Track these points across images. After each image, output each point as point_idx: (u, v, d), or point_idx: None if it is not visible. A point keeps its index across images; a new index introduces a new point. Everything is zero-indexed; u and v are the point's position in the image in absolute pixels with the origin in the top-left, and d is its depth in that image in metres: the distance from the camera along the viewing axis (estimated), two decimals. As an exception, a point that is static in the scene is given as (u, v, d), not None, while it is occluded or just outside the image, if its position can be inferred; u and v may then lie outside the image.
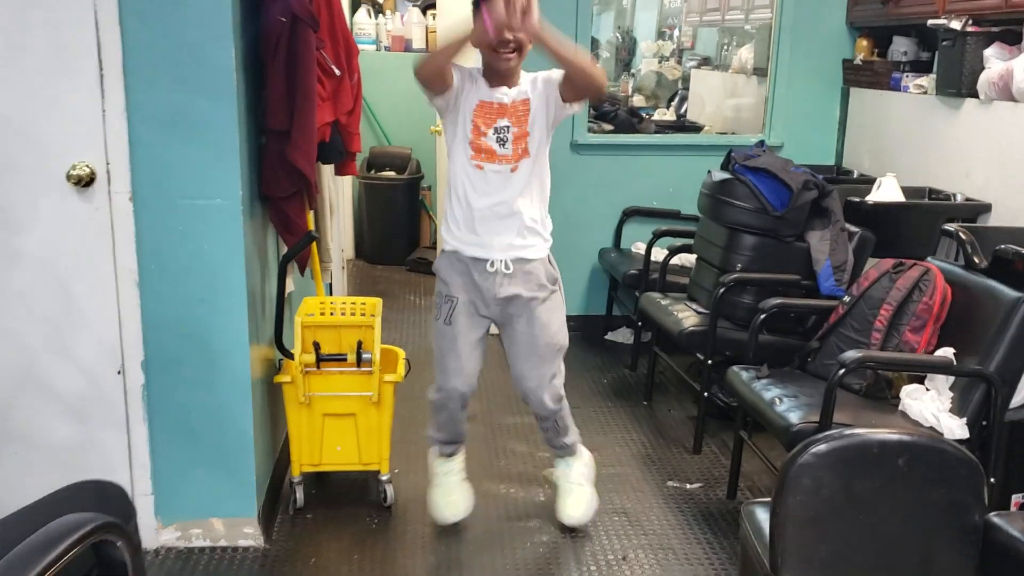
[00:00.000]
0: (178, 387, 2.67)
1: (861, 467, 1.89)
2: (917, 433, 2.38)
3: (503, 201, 2.68)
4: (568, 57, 2.55)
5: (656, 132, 5.48)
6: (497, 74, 2.65)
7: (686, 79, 6.67)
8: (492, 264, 2.70)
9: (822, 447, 1.88)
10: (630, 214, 4.86)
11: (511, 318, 2.78)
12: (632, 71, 7.18)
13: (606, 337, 4.96)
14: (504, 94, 2.67)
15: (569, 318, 4.93)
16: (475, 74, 2.68)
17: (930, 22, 3.86)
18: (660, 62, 6.96)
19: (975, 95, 3.70)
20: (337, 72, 2.88)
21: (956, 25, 3.68)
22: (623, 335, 4.94)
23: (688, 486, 3.34)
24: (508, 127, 2.67)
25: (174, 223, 2.55)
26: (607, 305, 5.00)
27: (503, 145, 2.66)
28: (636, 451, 3.61)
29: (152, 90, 2.47)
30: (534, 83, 2.70)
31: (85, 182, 2.48)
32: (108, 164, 2.49)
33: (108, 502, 1.54)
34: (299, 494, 3.04)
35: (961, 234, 2.94)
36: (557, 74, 2.66)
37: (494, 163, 2.67)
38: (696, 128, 5.76)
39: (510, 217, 2.69)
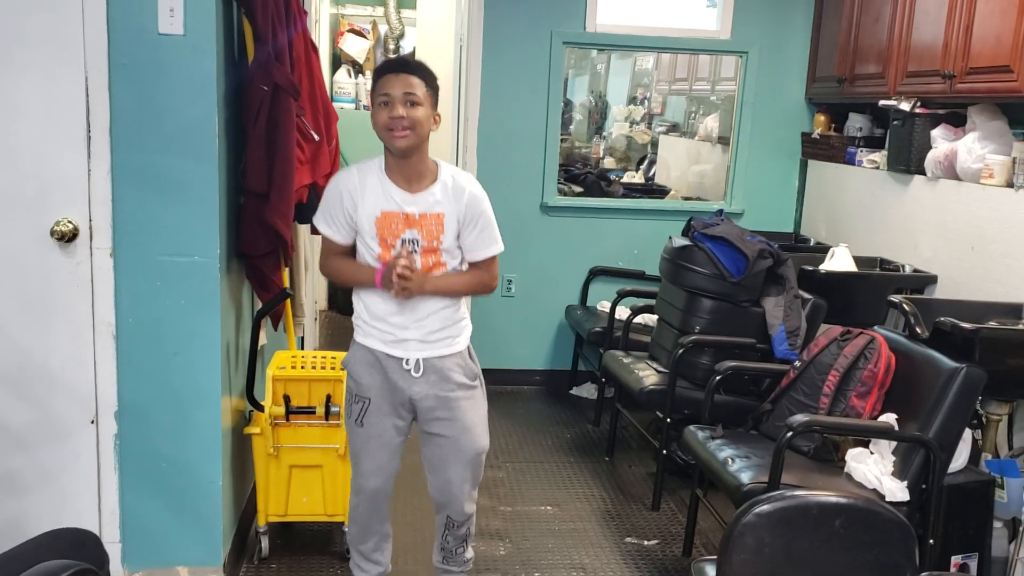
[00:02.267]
0: (150, 437, 2.74)
1: (801, 528, 1.99)
2: (854, 496, 2.48)
3: (414, 308, 2.49)
4: (461, 294, 2.58)
5: (624, 195, 5.66)
6: (401, 167, 2.44)
7: (655, 144, 6.88)
8: (407, 362, 2.51)
9: (765, 507, 1.98)
10: (596, 273, 5.01)
11: (430, 421, 2.58)
12: (604, 134, 7.39)
13: (571, 392, 5.08)
14: (411, 202, 2.43)
15: (535, 372, 5.15)
16: (371, 171, 2.47)
17: (881, 103, 4.07)
18: (631, 126, 7.16)
19: (923, 172, 3.90)
20: (316, 137, 3.01)
21: (905, 106, 3.89)
22: (587, 390, 5.05)
23: (646, 543, 3.43)
24: (416, 240, 2.45)
25: (153, 278, 2.65)
26: (572, 360, 5.12)
27: (407, 246, 2.46)
28: (596, 507, 3.70)
29: (137, 151, 2.58)
30: (455, 194, 2.46)
31: (68, 238, 2.57)
32: (91, 221, 2.59)
33: (84, 549, 1.62)
34: (264, 543, 3.10)
35: (905, 305, 3.10)
36: (479, 222, 2.50)
37: (391, 261, 2.44)
38: (663, 191, 5.95)
39: (424, 320, 2.50)
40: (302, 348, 3.89)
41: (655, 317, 4.20)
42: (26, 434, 2.68)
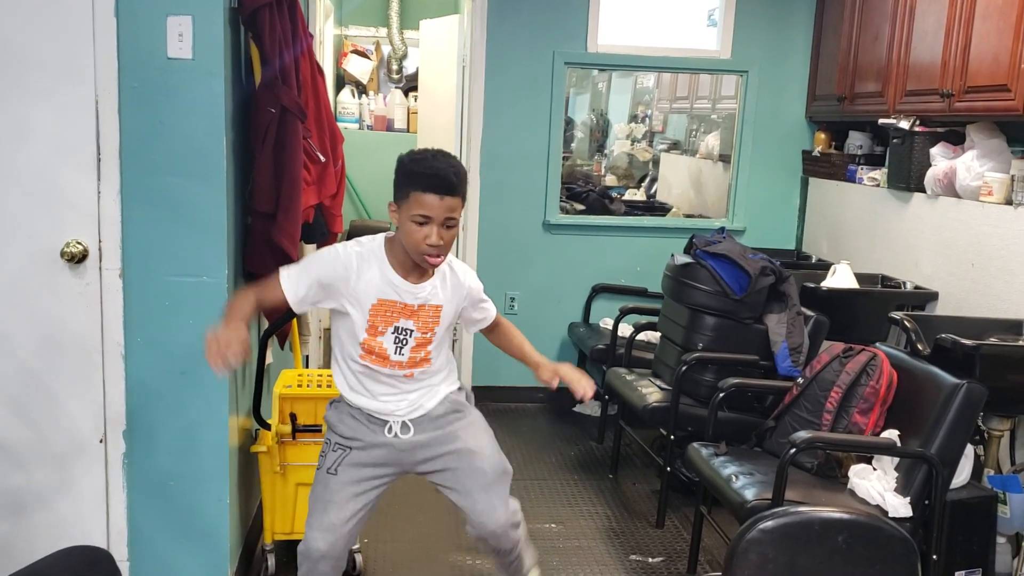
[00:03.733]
0: (157, 455, 2.76)
1: (804, 543, 2.00)
2: (857, 512, 2.50)
3: (396, 393, 2.42)
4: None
5: (626, 213, 5.69)
6: (406, 261, 2.32)
7: (656, 161, 6.93)
8: (390, 428, 2.41)
9: (769, 523, 1.99)
10: (599, 291, 5.04)
11: (432, 460, 2.45)
12: (605, 152, 7.44)
13: (574, 409, 5.09)
14: (411, 293, 2.33)
15: (538, 389, 5.16)
16: (371, 259, 2.32)
17: (881, 121, 4.12)
18: (632, 144, 7.22)
19: (923, 190, 3.93)
20: (322, 159, 3.05)
21: (904, 125, 3.93)
22: (591, 408, 5.06)
23: (650, 560, 3.44)
24: (411, 331, 2.35)
25: (161, 298, 2.67)
26: (577, 378, 5.12)
27: (399, 351, 2.35)
28: (601, 524, 3.71)
29: (146, 173, 2.61)
30: (454, 288, 2.41)
31: (78, 259, 2.60)
32: (100, 242, 2.62)
33: (97, 567, 1.64)
34: (271, 561, 3.12)
35: (906, 322, 3.13)
36: (480, 307, 2.50)
37: (385, 367, 2.36)
38: (664, 209, 5.99)
39: (407, 395, 2.43)
40: (308, 367, 3.92)
41: (658, 334, 4.22)
42: (35, 453, 2.70)
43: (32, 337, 2.65)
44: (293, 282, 2.31)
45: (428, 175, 2.23)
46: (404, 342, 2.35)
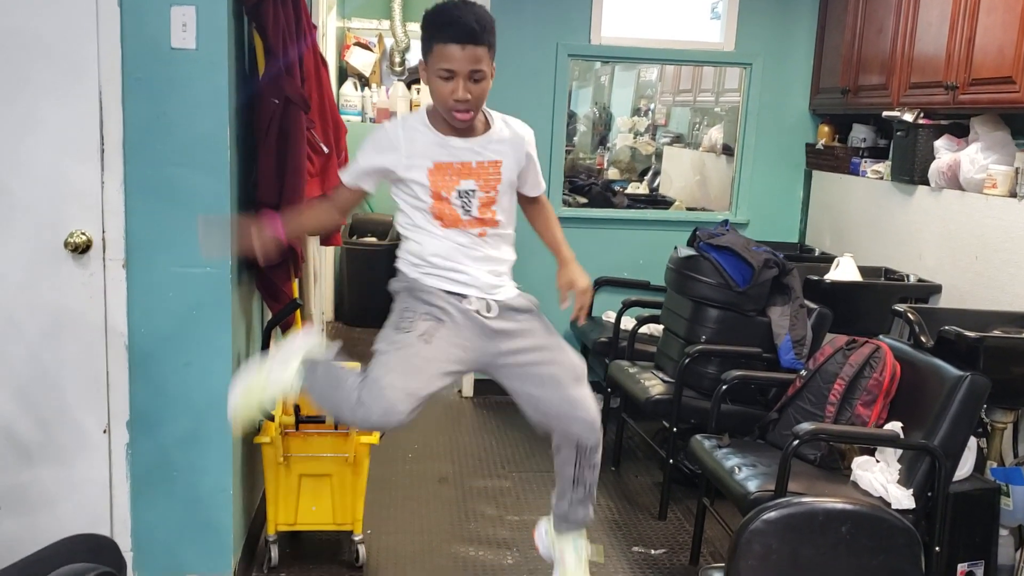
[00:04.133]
0: (161, 446, 2.77)
1: (807, 534, 2.01)
2: (860, 503, 2.51)
3: (472, 255, 2.28)
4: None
5: (629, 206, 5.69)
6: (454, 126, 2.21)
7: (659, 155, 6.92)
8: (471, 303, 2.25)
9: (772, 514, 2.00)
10: (601, 284, 5.02)
11: (517, 353, 2.29)
12: (608, 145, 7.43)
13: (577, 403, 5.08)
14: (467, 149, 2.23)
15: (541, 384, 5.14)
16: (417, 126, 2.22)
17: (885, 113, 4.11)
18: (635, 137, 7.21)
19: (926, 182, 3.92)
20: (326, 150, 3.05)
21: (908, 117, 3.92)
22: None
23: (653, 552, 3.44)
24: (473, 191, 2.23)
25: (165, 289, 2.68)
26: (579, 372, 5.13)
27: (467, 211, 2.24)
28: (603, 516, 3.72)
29: (149, 164, 2.62)
30: (512, 143, 2.30)
31: (81, 249, 2.61)
32: (104, 232, 2.63)
33: (102, 554, 1.64)
34: (274, 552, 3.12)
35: (909, 314, 3.12)
36: (536, 172, 2.40)
37: (458, 228, 2.25)
38: (667, 203, 5.98)
39: (482, 261, 2.30)
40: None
41: (661, 327, 4.22)
42: (38, 443, 2.71)
43: (36, 327, 2.65)
44: (351, 174, 2.27)
45: (447, 24, 2.10)
46: (470, 203, 2.23)
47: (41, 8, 2.51)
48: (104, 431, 2.73)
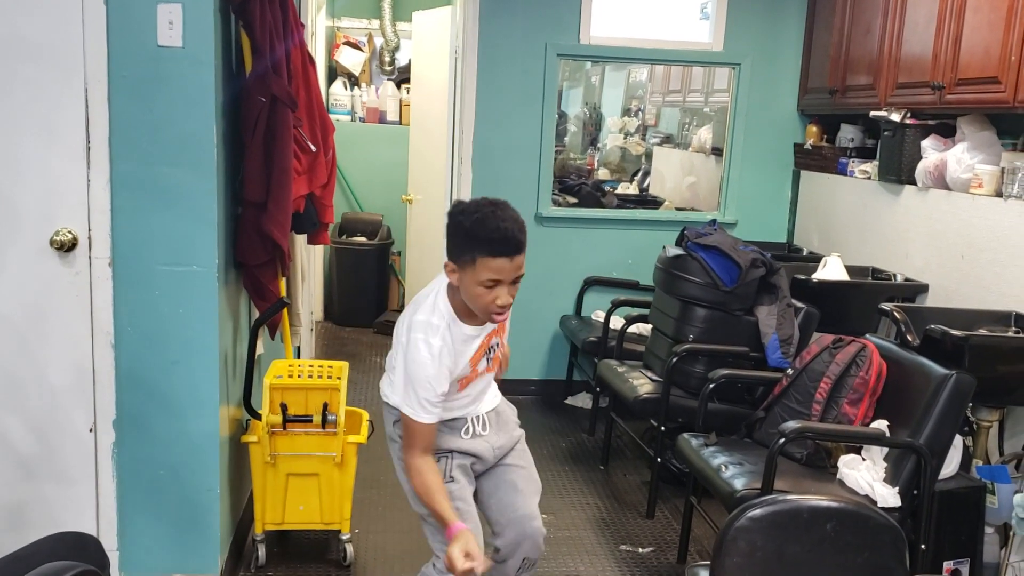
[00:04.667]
0: (148, 445, 2.76)
1: (792, 531, 2.01)
2: (845, 500, 2.51)
3: (478, 393, 2.44)
4: None
5: (618, 206, 5.70)
6: (469, 312, 2.27)
7: (649, 155, 6.93)
8: (467, 430, 2.40)
9: (757, 511, 2.00)
10: (591, 283, 5.04)
11: (509, 454, 2.49)
12: (598, 145, 7.44)
13: (566, 401, 5.10)
14: (478, 334, 2.32)
15: (530, 381, 5.18)
16: (451, 329, 2.25)
17: (872, 113, 4.12)
18: (625, 138, 7.22)
19: (913, 182, 3.94)
20: (313, 148, 3.04)
21: (896, 117, 3.94)
22: (582, 400, 5.08)
23: (640, 550, 3.45)
24: (496, 345, 2.41)
25: (151, 288, 2.67)
26: (567, 370, 5.15)
27: (488, 362, 2.40)
28: (591, 515, 3.72)
29: (136, 162, 2.61)
30: None
31: (67, 247, 2.60)
32: (90, 230, 2.62)
33: (85, 552, 1.64)
34: (261, 552, 3.12)
35: (896, 313, 3.13)
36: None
37: (474, 380, 2.38)
38: (657, 202, 6.00)
39: (481, 396, 2.47)
40: (299, 357, 3.91)
41: (649, 326, 4.23)
42: (24, 442, 2.70)
43: (21, 326, 2.64)
44: (435, 411, 2.24)
45: (496, 239, 2.11)
46: (491, 353, 2.38)
47: (27, 6, 2.50)
48: (90, 430, 2.72)
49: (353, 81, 7.00)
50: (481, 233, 2.11)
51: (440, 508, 2.21)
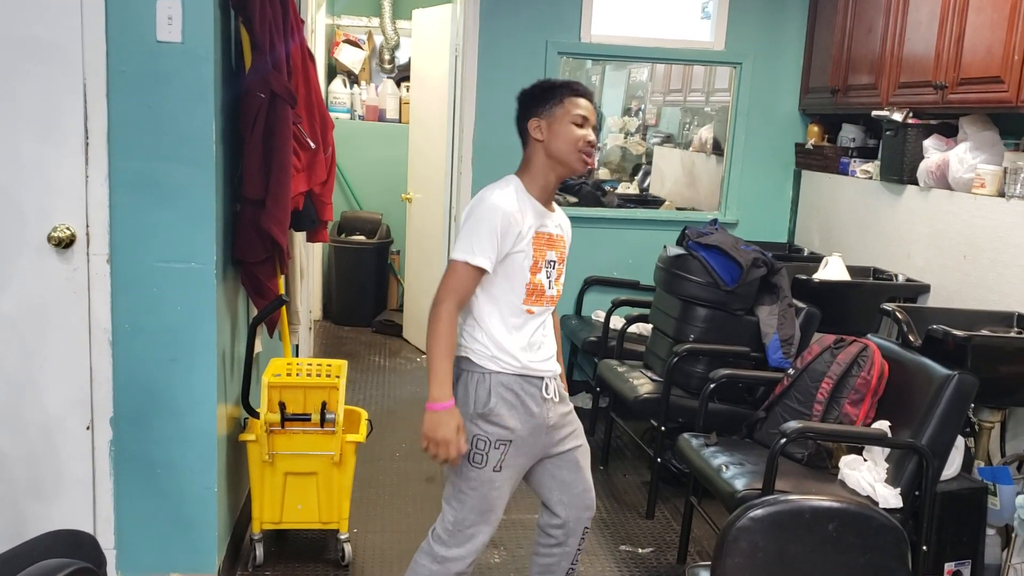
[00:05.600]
0: (145, 443, 2.74)
1: (794, 532, 2.00)
2: (847, 500, 2.50)
3: (546, 333, 2.41)
4: None
5: (619, 205, 5.68)
6: (542, 192, 2.35)
7: (649, 155, 6.92)
8: (547, 388, 2.37)
9: (759, 512, 1.98)
10: (591, 283, 5.03)
11: (562, 440, 2.45)
12: (599, 145, 7.43)
13: (566, 402, 5.07)
14: (553, 222, 2.36)
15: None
16: (523, 196, 2.32)
17: (874, 113, 4.11)
18: (626, 137, 7.21)
19: (915, 182, 3.93)
20: (312, 145, 3.02)
21: (898, 117, 3.92)
22: (582, 400, 5.05)
23: (640, 551, 3.43)
24: (554, 262, 2.35)
25: (149, 285, 2.66)
26: (567, 370, 5.13)
27: (550, 285, 2.35)
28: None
29: (134, 158, 2.59)
30: (569, 227, 2.48)
31: (65, 243, 2.58)
32: (88, 227, 2.60)
33: (81, 550, 1.62)
34: (259, 551, 3.10)
35: (897, 314, 3.12)
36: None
37: (542, 306, 2.35)
38: (657, 202, 5.98)
39: (549, 345, 2.42)
40: (297, 356, 3.90)
41: (649, 326, 4.22)
42: (21, 439, 2.68)
43: (18, 323, 2.63)
44: (491, 255, 2.23)
45: (573, 83, 2.38)
46: (551, 274, 2.34)
47: (25, 1, 2.48)
48: (87, 427, 2.71)
49: (353, 79, 6.98)
50: (558, 81, 2.40)
51: (438, 366, 2.21)
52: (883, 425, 2.86)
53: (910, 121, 3.91)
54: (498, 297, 2.30)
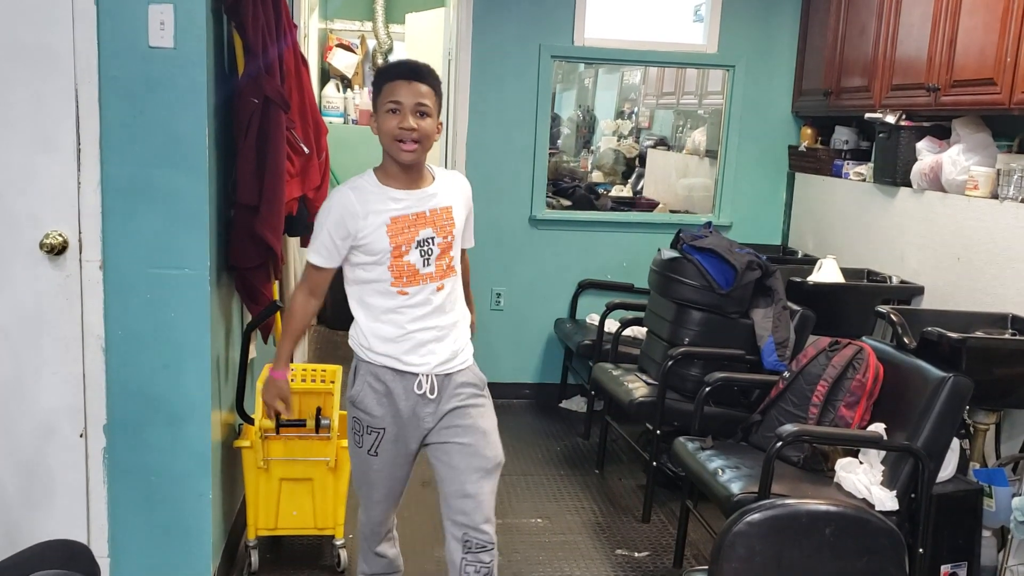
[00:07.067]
0: (139, 450, 2.72)
1: (791, 536, 1.99)
2: (844, 504, 2.50)
3: (433, 325, 2.37)
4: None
5: (612, 208, 5.68)
6: (400, 173, 2.32)
7: (643, 157, 6.92)
8: (419, 385, 2.37)
9: (756, 516, 1.98)
10: (585, 287, 5.03)
11: (444, 430, 2.41)
12: (592, 148, 7.43)
13: (560, 405, 5.08)
14: (420, 199, 2.32)
15: (524, 385, 5.15)
16: (367, 186, 2.32)
17: (867, 115, 4.12)
18: (619, 140, 7.21)
19: (909, 184, 3.93)
20: (306, 150, 3.02)
21: (891, 119, 3.93)
22: (577, 403, 5.05)
23: (636, 555, 3.43)
24: (432, 238, 2.32)
25: (142, 291, 2.64)
26: (562, 374, 5.12)
27: (426, 262, 2.32)
28: (587, 519, 3.70)
29: (127, 164, 2.57)
30: (457, 188, 2.42)
31: (57, 250, 2.57)
32: (80, 233, 2.59)
33: (75, 561, 1.61)
34: (254, 558, 3.09)
35: (892, 316, 3.12)
36: (470, 218, 2.50)
37: (417, 285, 2.32)
38: (651, 205, 5.98)
39: (439, 340, 2.38)
40: (292, 361, 3.87)
41: (644, 330, 4.21)
42: (14, 447, 2.66)
43: (10, 330, 2.61)
44: (324, 255, 2.34)
45: (394, 65, 2.37)
46: (430, 252, 2.32)
47: (16, 6, 2.47)
48: (81, 435, 2.69)
49: (346, 83, 6.98)
50: (384, 67, 2.40)
51: (281, 346, 2.52)
52: (879, 428, 2.86)
53: (903, 123, 3.92)
54: (368, 282, 2.36)
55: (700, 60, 5.13)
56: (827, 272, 4.01)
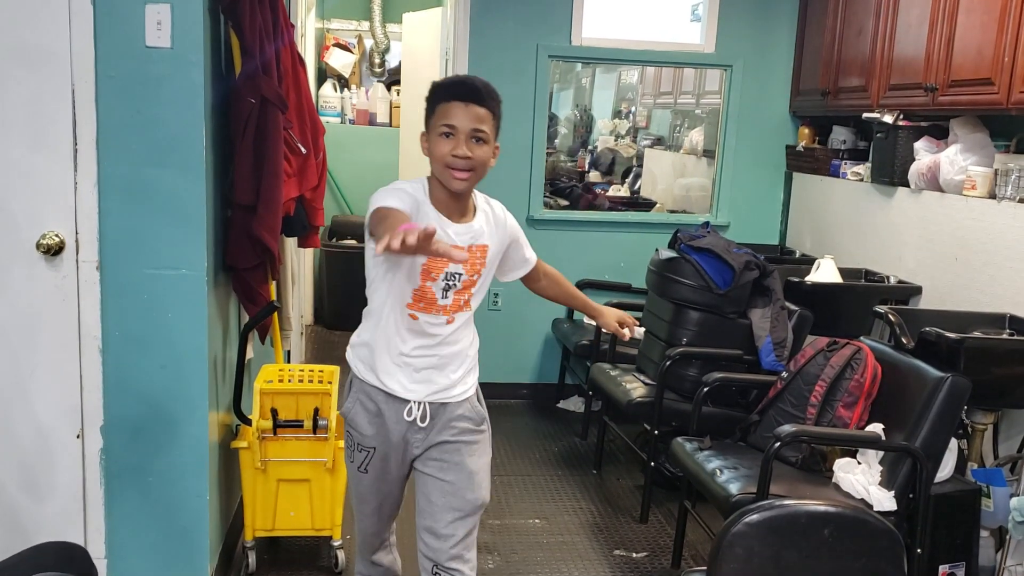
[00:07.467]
0: (136, 451, 2.72)
1: (790, 537, 1.99)
2: (842, 505, 2.50)
3: (433, 354, 2.24)
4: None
5: (610, 208, 5.68)
6: (448, 199, 2.16)
7: (640, 157, 6.92)
8: (410, 412, 2.24)
9: (754, 517, 1.97)
10: (583, 287, 5.00)
11: (429, 461, 2.29)
12: (589, 147, 7.42)
13: (558, 405, 5.08)
14: (459, 233, 2.17)
15: (522, 385, 5.15)
16: (420, 197, 2.14)
17: (865, 115, 4.12)
18: (616, 140, 7.20)
19: (906, 184, 3.93)
20: (303, 150, 3.01)
21: (888, 119, 3.93)
22: (574, 403, 5.05)
23: (634, 555, 3.43)
24: (460, 275, 2.17)
25: (139, 292, 2.63)
26: (559, 374, 5.12)
27: (445, 295, 2.18)
28: (585, 520, 3.70)
29: (124, 164, 2.57)
30: (497, 225, 2.27)
31: (54, 251, 2.56)
32: (77, 234, 2.58)
33: (72, 563, 1.60)
34: (252, 559, 3.08)
35: (890, 316, 3.12)
36: (521, 247, 2.38)
37: (429, 314, 2.19)
38: (648, 205, 5.98)
39: (438, 368, 2.25)
40: (289, 361, 3.87)
41: (642, 330, 4.21)
42: (9, 448, 2.65)
43: (7, 330, 2.60)
44: (396, 200, 2.05)
45: (451, 84, 2.16)
46: (452, 286, 2.17)
47: (12, 6, 2.46)
48: (77, 436, 2.68)
49: (343, 83, 6.97)
50: (441, 84, 2.17)
51: (392, 226, 1.89)
52: (877, 428, 2.86)
53: (901, 123, 3.92)
54: (390, 292, 2.19)
55: (697, 60, 5.12)
56: (825, 272, 4.01)
